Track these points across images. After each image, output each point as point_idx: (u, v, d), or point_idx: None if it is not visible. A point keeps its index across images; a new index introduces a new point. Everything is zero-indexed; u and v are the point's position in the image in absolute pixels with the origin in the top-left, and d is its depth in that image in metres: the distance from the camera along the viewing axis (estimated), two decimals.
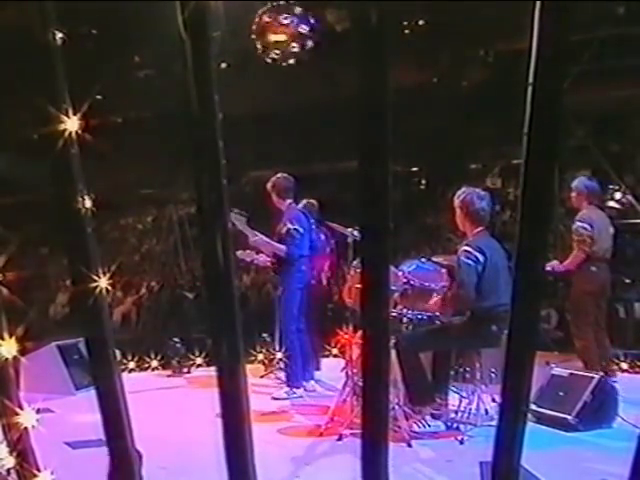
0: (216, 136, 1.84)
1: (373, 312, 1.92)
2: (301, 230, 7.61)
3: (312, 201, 8.79)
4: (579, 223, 7.39)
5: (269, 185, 7.83)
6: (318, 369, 8.53)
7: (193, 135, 1.86)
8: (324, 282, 8.80)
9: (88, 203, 2.14)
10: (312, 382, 7.92)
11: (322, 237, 8.61)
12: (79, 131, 2.13)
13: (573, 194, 7.59)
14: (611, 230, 7.69)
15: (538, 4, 1.75)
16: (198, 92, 1.81)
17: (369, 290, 1.90)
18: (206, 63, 1.82)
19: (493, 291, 5.78)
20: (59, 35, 2.11)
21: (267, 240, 7.65)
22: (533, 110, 1.80)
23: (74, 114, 2.12)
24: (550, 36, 1.74)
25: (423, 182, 16.86)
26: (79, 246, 2.14)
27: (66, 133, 2.08)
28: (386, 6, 1.74)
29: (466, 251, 5.86)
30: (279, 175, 7.84)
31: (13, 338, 3.03)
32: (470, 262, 5.80)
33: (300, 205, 8.70)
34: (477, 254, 5.81)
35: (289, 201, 7.78)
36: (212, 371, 2.03)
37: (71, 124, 2.10)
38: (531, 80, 1.80)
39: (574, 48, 2.04)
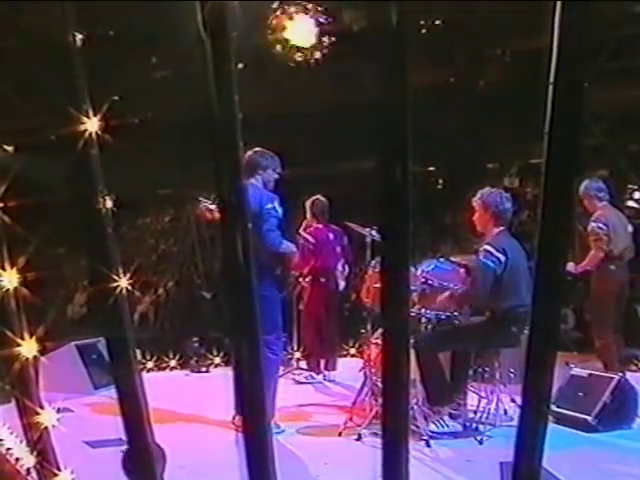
0: (236, 136, 1.84)
1: (393, 312, 1.91)
2: None
3: (321, 198, 8.71)
4: (594, 223, 7.47)
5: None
6: (334, 369, 8.54)
7: (213, 135, 1.86)
8: (340, 282, 8.78)
9: (109, 203, 2.15)
10: None
11: None
12: (99, 132, 2.13)
13: (584, 200, 7.62)
14: (629, 228, 7.68)
15: (559, 4, 1.73)
16: (218, 92, 1.81)
17: (389, 290, 1.90)
18: (226, 63, 1.82)
19: (514, 292, 5.74)
20: (79, 36, 2.12)
21: None
22: (554, 109, 1.79)
23: (94, 115, 2.13)
24: (571, 35, 1.73)
25: (440, 182, 16.81)
26: (100, 246, 2.14)
27: (86, 134, 2.09)
28: (406, 6, 1.74)
29: (487, 251, 5.80)
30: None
31: (33, 338, 3.05)
32: (489, 263, 5.76)
33: (308, 202, 8.64)
34: (499, 255, 5.77)
35: None
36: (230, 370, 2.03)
37: (91, 125, 2.11)
38: (552, 79, 1.79)
39: (593, 47, 2.03)
